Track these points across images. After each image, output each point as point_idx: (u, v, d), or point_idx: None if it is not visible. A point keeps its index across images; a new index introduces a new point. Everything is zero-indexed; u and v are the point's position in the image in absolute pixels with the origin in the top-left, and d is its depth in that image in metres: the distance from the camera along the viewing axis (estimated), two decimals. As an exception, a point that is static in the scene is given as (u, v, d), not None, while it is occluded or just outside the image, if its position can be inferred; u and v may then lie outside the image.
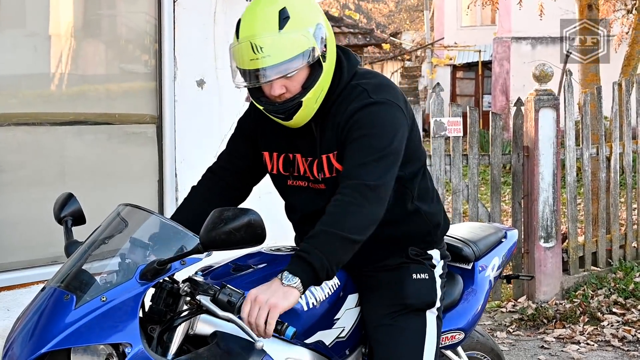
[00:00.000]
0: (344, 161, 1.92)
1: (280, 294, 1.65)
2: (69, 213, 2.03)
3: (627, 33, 9.91)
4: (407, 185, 2.06)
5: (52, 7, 3.70)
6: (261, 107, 1.97)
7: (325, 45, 1.90)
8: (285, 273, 1.68)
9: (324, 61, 1.91)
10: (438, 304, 2.16)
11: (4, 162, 3.43)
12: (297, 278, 1.67)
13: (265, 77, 1.83)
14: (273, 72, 1.82)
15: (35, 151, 3.55)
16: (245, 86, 1.95)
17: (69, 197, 2.06)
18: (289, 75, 1.84)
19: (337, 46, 2.02)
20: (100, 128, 3.76)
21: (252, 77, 1.86)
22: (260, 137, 2.17)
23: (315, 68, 1.90)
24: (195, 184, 2.26)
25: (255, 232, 1.63)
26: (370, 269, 2.13)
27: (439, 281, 2.18)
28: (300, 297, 1.72)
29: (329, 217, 1.80)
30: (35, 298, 1.80)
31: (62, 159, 3.68)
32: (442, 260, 2.24)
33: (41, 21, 3.70)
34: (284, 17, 1.81)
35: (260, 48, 1.79)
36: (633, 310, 4.86)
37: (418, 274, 2.13)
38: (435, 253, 2.20)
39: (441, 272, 2.22)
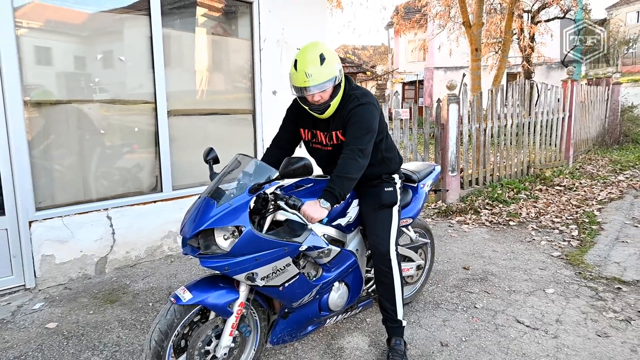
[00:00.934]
0: (346, 136, 2.19)
1: (319, 212, 1.98)
2: (210, 157, 2.31)
3: (495, 63, 12.48)
4: (378, 144, 2.36)
5: (195, 57, 4.21)
6: (307, 107, 2.23)
7: (340, 73, 2.19)
8: (323, 200, 2.01)
9: (341, 82, 2.21)
10: (398, 203, 2.47)
11: (176, 134, 4.00)
12: (328, 203, 2.01)
13: (311, 92, 2.12)
14: (316, 89, 2.11)
15: (191, 129, 4.13)
16: (299, 96, 2.20)
17: (211, 149, 2.33)
18: (324, 90, 2.14)
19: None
20: (224, 116, 4.41)
21: (304, 91, 2.13)
22: (299, 120, 2.41)
23: (336, 88, 2.19)
24: (268, 146, 2.53)
25: (308, 169, 1.89)
26: (364, 186, 2.43)
27: (398, 191, 2.49)
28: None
29: (340, 167, 2.09)
30: (195, 202, 2.04)
31: (206, 133, 4.25)
32: (400, 180, 2.55)
33: (191, 63, 4.19)
34: (322, 58, 2.10)
35: (310, 75, 2.08)
36: (496, 207, 5.52)
37: (387, 187, 2.44)
38: (396, 176, 2.53)
39: (400, 186, 2.53)
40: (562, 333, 2.75)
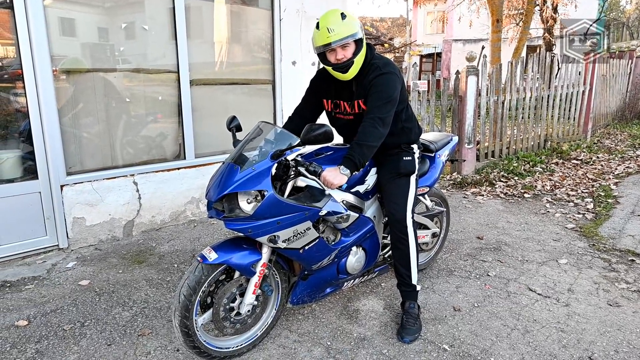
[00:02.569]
0: (367, 104, 2.17)
1: (339, 178, 1.98)
2: (234, 125, 2.34)
3: (516, 35, 12.28)
4: (399, 114, 2.33)
5: (215, 28, 4.12)
6: (329, 68, 2.18)
7: (362, 31, 2.15)
8: (342, 167, 2.00)
9: (363, 40, 2.18)
10: (416, 172, 2.46)
11: (198, 104, 4.01)
12: (348, 170, 2.01)
13: (333, 46, 2.10)
14: (338, 43, 2.08)
15: (212, 98, 4.12)
16: (321, 57, 2.17)
17: (234, 117, 2.37)
18: (345, 45, 2.10)
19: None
20: (244, 87, 4.39)
21: (326, 48, 2.11)
22: (322, 91, 2.40)
23: (358, 45, 2.15)
24: (290, 114, 2.51)
25: (329, 136, 1.87)
26: (383, 155, 2.42)
27: (416, 160, 2.48)
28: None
29: (360, 135, 2.07)
30: (219, 168, 2.05)
31: (226, 102, 4.24)
32: (418, 150, 2.53)
33: (212, 33, 4.13)
34: (344, 17, 2.11)
35: (332, 30, 2.07)
36: (511, 180, 5.47)
37: (406, 156, 2.44)
38: (414, 146, 2.50)
39: (418, 156, 2.52)
40: (574, 302, 2.75)
